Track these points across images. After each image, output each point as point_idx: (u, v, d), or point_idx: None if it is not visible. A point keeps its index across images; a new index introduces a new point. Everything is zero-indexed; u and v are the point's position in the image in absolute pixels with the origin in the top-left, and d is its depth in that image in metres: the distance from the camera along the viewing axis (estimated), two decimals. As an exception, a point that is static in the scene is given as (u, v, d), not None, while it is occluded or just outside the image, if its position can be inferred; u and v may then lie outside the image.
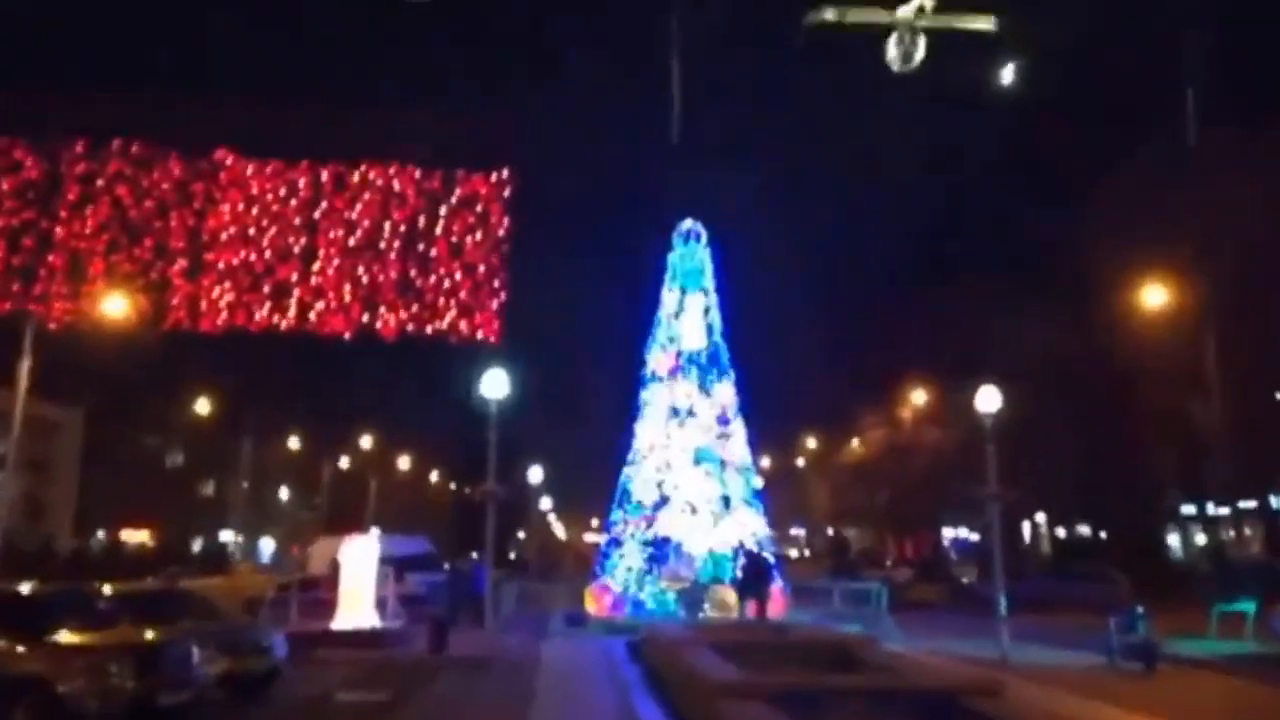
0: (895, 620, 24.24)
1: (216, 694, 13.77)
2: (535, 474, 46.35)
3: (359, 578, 21.97)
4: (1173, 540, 49.20)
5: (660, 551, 27.30)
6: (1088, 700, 13.30)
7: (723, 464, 28.36)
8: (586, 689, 14.97)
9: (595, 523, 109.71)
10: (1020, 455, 51.17)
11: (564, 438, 68.67)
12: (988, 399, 19.79)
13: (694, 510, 27.61)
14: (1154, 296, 39.40)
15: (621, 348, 39.38)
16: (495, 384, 21.97)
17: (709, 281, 30.38)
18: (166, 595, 16.63)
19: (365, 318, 20.55)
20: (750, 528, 27.78)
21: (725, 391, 29.23)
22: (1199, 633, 21.23)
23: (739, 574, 25.24)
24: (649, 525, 27.89)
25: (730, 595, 25.38)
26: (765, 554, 26.51)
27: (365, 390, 66.74)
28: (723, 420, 28.83)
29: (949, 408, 61.46)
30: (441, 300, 20.35)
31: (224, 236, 20.78)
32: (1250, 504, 43.40)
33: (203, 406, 59.04)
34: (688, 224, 30.87)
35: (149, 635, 12.83)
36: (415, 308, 20.34)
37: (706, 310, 29.95)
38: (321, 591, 23.95)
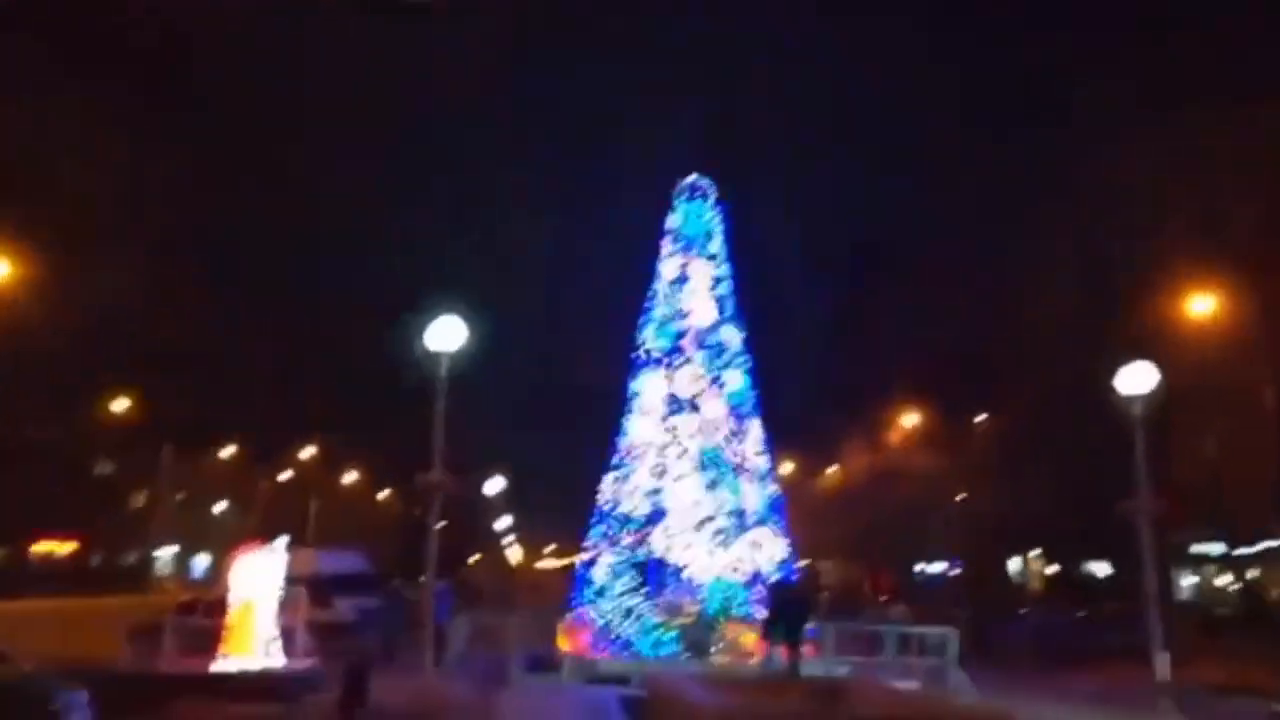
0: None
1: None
2: (494, 485, 40.34)
3: (256, 601, 16.24)
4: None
5: (654, 578, 21.55)
6: None
7: (735, 470, 22.71)
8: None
9: (551, 549, 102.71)
10: (1016, 479, 46.62)
11: (528, 445, 61.71)
12: (1137, 378, 14.36)
13: (697, 527, 21.94)
14: (1200, 304, 34.72)
15: (607, 328, 33.84)
16: (446, 334, 16.21)
17: (718, 248, 24.93)
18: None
19: None
20: (768, 551, 22.10)
21: (737, 380, 23.64)
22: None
23: (763, 609, 19.55)
24: (639, 545, 22.21)
25: (748, 635, 19.66)
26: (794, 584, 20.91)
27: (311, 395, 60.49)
28: (736, 416, 23.23)
29: (946, 428, 56.79)
30: None
31: None
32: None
33: (120, 405, 52.76)
34: (692, 179, 25.51)
35: None
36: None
37: (716, 281, 24.42)
38: (198, 618, 18.05)
